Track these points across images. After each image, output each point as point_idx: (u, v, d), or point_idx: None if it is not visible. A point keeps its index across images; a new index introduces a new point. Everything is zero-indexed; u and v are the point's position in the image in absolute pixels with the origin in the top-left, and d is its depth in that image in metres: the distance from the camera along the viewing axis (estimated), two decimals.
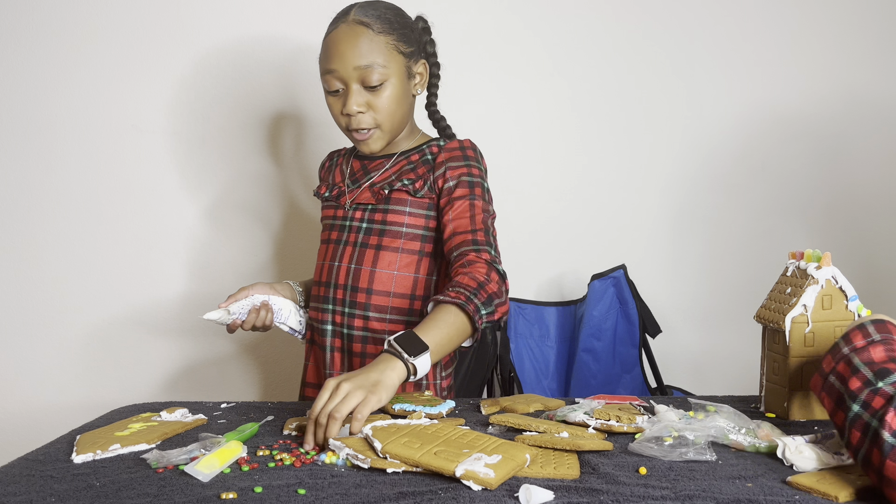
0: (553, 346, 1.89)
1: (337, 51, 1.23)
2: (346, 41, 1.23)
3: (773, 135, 2.00)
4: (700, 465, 0.89)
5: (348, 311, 1.31)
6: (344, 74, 1.23)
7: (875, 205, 2.01)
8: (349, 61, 1.22)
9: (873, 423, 0.75)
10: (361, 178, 1.35)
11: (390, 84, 1.25)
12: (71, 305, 1.93)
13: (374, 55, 1.23)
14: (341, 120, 1.28)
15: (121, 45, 1.90)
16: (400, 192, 1.29)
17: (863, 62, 2.00)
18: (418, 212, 1.29)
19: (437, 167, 1.29)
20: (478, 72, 1.95)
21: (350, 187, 1.34)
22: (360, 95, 1.24)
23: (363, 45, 1.22)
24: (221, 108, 1.92)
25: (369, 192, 1.31)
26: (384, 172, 1.32)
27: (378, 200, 1.30)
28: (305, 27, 1.93)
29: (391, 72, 1.25)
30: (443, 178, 1.28)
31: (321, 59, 1.28)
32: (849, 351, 0.87)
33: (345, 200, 1.34)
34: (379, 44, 1.24)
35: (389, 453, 0.87)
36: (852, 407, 0.79)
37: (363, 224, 1.31)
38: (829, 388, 0.85)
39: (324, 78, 1.26)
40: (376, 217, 1.30)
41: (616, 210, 2.00)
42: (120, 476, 0.87)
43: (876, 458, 0.73)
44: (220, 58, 1.91)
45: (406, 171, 1.31)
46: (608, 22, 1.97)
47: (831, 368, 0.87)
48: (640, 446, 0.93)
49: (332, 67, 1.23)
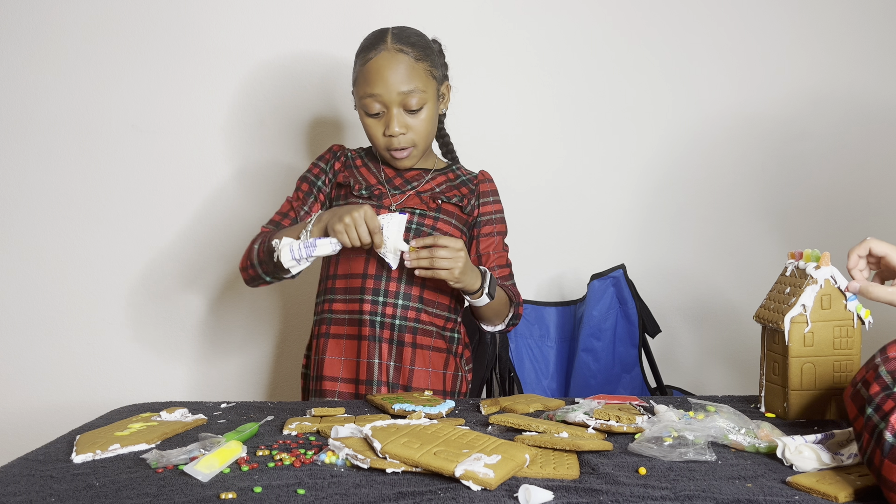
0: (553, 346, 1.89)
1: (380, 76, 1.32)
2: (389, 68, 1.33)
3: (773, 135, 2.00)
4: (700, 465, 0.89)
5: (402, 304, 1.38)
6: (387, 99, 1.33)
7: (874, 205, 2.01)
8: (393, 87, 1.32)
9: (880, 424, 0.75)
10: (402, 185, 1.43)
11: (427, 107, 1.37)
12: (71, 305, 1.93)
13: (415, 81, 1.34)
14: (381, 140, 1.37)
15: (121, 45, 1.90)
16: (450, 206, 1.42)
17: (862, 63, 2.00)
18: (461, 226, 1.43)
19: (482, 195, 1.46)
20: (477, 72, 1.95)
21: (392, 192, 1.41)
22: (401, 118, 1.35)
23: (406, 71, 1.33)
24: (221, 107, 1.92)
25: (418, 199, 1.40)
26: (427, 184, 1.43)
27: (429, 208, 1.40)
28: (305, 27, 1.93)
29: (428, 96, 1.37)
30: (483, 208, 1.46)
31: (360, 83, 1.35)
32: (880, 361, 0.86)
33: (389, 202, 1.40)
34: (419, 70, 1.35)
35: (389, 453, 0.87)
36: (867, 410, 0.79)
37: (413, 226, 1.39)
38: (856, 395, 0.85)
39: (364, 101, 1.35)
40: (426, 222, 1.39)
41: (616, 210, 2.00)
42: (120, 476, 0.87)
43: (877, 459, 0.73)
44: (220, 58, 1.91)
45: (448, 188, 1.44)
46: (606, 22, 1.97)
47: (862, 377, 0.86)
48: (639, 446, 0.93)
49: (376, 92, 1.33)
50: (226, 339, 1.97)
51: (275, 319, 1.98)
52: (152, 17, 1.90)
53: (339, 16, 1.93)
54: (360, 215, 1.21)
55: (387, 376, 1.37)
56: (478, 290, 1.32)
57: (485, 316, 1.41)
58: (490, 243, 1.46)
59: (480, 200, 1.46)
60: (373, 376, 1.37)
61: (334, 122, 1.95)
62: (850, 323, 1.09)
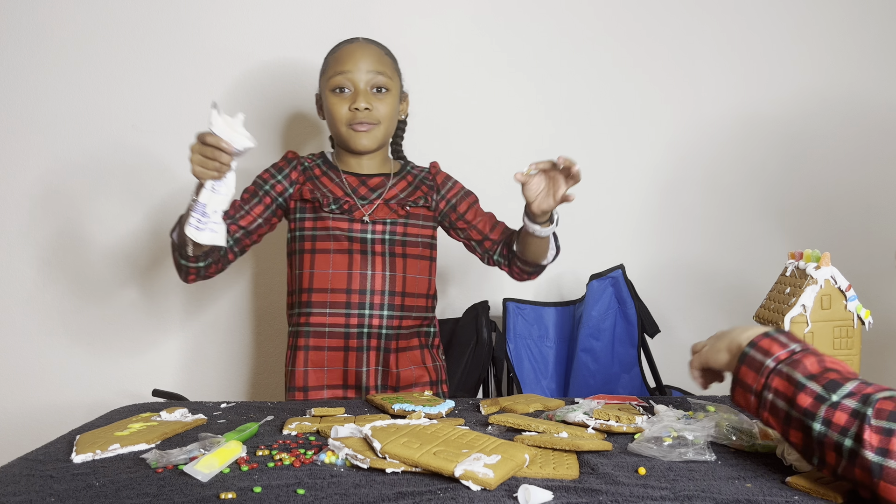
0: (552, 346, 1.90)
1: (352, 56, 1.41)
2: (361, 50, 1.42)
3: (773, 135, 2.00)
4: (699, 465, 0.89)
5: (387, 314, 1.44)
6: (356, 76, 1.40)
7: (874, 205, 2.01)
8: (364, 65, 1.40)
9: (846, 442, 0.73)
10: (367, 194, 1.46)
11: (391, 95, 1.44)
12: (71, 305, 1.93)
13: (384, 66, 1.43)
14: (345, 115, 1.41)
15: (121, 45, 1.90)
16: (417, 208, 1.47)
17: (863, 63, 2.00)
18: (428, 224, 1.50)
19: (441, 186, 1.52)
20: (478, 73, 1.95)
21: (360, 203, 1.44)
22: (368, 95, 1.41)
23: (376, 56, 1.43)
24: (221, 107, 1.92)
25: (387, 209, 1.44)
26: (391, 190, 1.47)
27: (399, 215, 1.45)
28: (305, 27, 1.93)
29: (393, 86, 1.44)
30: (446, 198, 1.51)
31: (331, 63, 1.43)
32: (775, 364, 0.85)
33: (360, 214, 1.43)
34: (387, 61, 1.45)
35: (389, 453, 0.87)
36: (813, 426, 0.77)
37: (386, 236, 1.44)
38: (772, 407, 0.83)
39: (333, 80, 1.41)
40: (398, 230, 1.45)
41: (615, 210, 2.00)
42: (119, 476, 0.87)
43: (864, 478, 0.72)
44: (221, 58, 1.91)
45: (412, 191, 1.49)
46: (605, 23, 1.98)
47: (762, 385, 0.85)
48: (639, 446, 0.93)
49: (346, 69, 1.40)
50: (227, 339, 1.97)
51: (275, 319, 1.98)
52: (152, 17, 1.90)
53: (339, 16, 1.93)
54: (198, 146, 1.16)
55: (375, 381, 1.43)
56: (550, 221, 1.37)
57: (540, 249, 1.42)
58: (474, 213, 1.52)
59: (442, 191, 1.52)
60: (361, 382, 1.43)
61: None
62: (850, 323, 1.09)
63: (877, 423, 0.72)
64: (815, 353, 0.84)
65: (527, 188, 1.31)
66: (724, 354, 0.95)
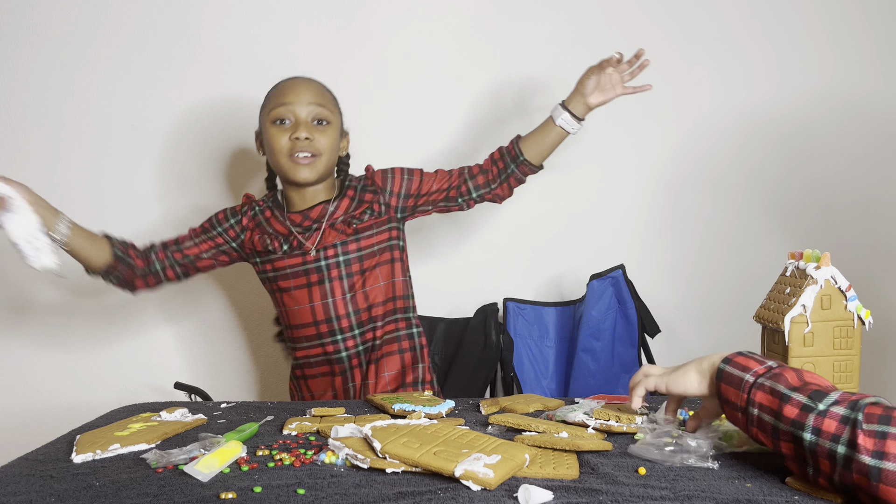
0: (552, 346, 1.90)
1: (294, 89, 1.43)
2: (302, 83, 1.45)
3: (773, 135, 2.00)
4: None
5: (359, 332, 1.48)
6: (297, 109, 1.42)
7: (874, 205, 2.01)
8: (305, 97, 1.42)
9: (839, 449, 0.73)
10: (311, 225, 1.47)
11: (332, 128, 1.45)
12: (70, 305, 1.93)
13: (325, 100, 1.45)
14: (285, 146, 1.42)
15: (121, 45, 1.90)
16: (364, 222, 1.47)
17: (863, 63, 2.00)
18: (382, 228, 1.49)
19: (383, 186, 1.51)
20: (477, 72, 1.95)
21: (305, 236, 1.46)
22: (309, 127, 1.42)
23: (318, 89, 1.46)
24: (221, 108, 1.92)
25: (335, 232, 1.45)
26: (335, 213, 1.47)
27: (348, 235, 1.45)
28: (305, 27, 1.93)
29: (334, 120, 1.46)
30: (394, 193, 1.51)
31: (272, 97, 1.44)
32: (755, 378, 0.85)
33: (308, 247, 1.45)
34: (328, 96, 1.47)
35: (389, 453, 0.87)
36: (804, 436, 0.77)
37: (339, 258, 1.46)
38: (759, 422, 0.83)
39: (274, 112, 1.42)
40: (350, 248, 1.46)
41: (615, 210, 2.00)
42: (120, 476, 0.87)
43: (863, 483, 0.72)
44: (220, 58, 1.91)
45: (356, 206, 1.48)
46: (604, 22, 1.97)
47: (745, 400, 0.85)
48: (641, 449, 0.92)
49: (288, 101, 1.42)
50: (227, 338, 1.97)
51: None
52: (152, 17, 1.90)
53: (339, 16, 1.93)
54: None
55: (361, 395, 1.48)
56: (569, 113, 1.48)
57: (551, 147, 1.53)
58: (428, 184, 1.52)
59: (387, 188, 1.51)
60: (349, 395, 1.50)
61: None
62: (851, 323, 1.09)
63: (869, 427, 0.72)
64: (792, 368, 0.85)
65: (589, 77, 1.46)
66: (694, 376, 0.95)
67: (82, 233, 1.37)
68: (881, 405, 0.74)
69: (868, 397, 0.76)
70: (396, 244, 1.52)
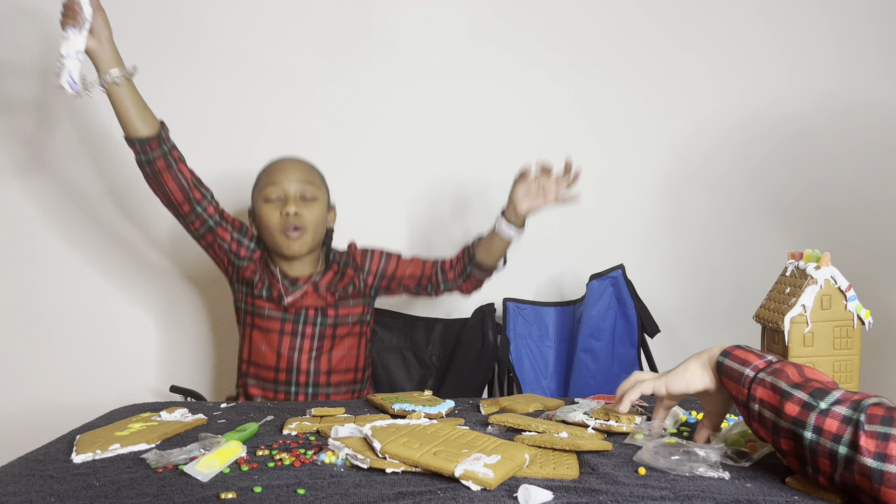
0: (552, 346, 1.90)
1: (282, 170, 1.54)
2: (290, 163, 1.56)
3: (773, 135, 2.00)
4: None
5: (312, 391, 1.57)
6: (286, 186, 1.52)
7: (874, 205, 2.01)
8: (293, 176, 1.53)
9: (840, 449, 0.73)
10: (297, 284, 1.57)
11: (319, 203, 1.56)
12: (71, 305, 1.93)
13: (312, 177, 1.56)
14: (277, 222, 1.52)
15: (121, 45, 1.89)
16: (345, 294, 1.57)
17: (863, 63, 2.00)
18: (358, 302, 1.60)
19: (362, 264, 1.62)
20: (478, 72, 1.95)
21: (290, 290, 1.56)
22: (298, 203, 1.52)
23: (305, 168, 1.57)
24: (221, 107, 1.92)
25: (316, 296, 1.55)
26: (319, 282, 1.57)
27: (328, 302, 1.55)
28: (305, 27, 1.93)
29: (321, 196, 1.57)
30: (371, 272, 1.62)
31: (263, 177, 1.55)
32: (755, 373, 0.85)
33: (287, 304, 1.55)
34: (315, 174, 1.58)
35: (389, 453, 0.87)
36: (804, 434, 0.77)
37: (318, 318, 1.56)
38: (760, 417, 0.83)
39: (265, 190, 1.53)
40: (329, 313, 1.56)
41: (614, 210, 2.00)
42: (120, 476, 0.87)
43: (865, 485, 0.72)
44: (220, 58, 1.91)
45: (337, 280, 1.59)
46: (604, 23, 1.98)
47: (746, 395, 0.85)
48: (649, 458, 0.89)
49: (277, 179, 1.53)
50: (227, 339, 1.97)
51: None
52: (152, 17, 1.90)
53: (339, 16, 1.93)
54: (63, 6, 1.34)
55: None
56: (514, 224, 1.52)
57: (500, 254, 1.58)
58: (402, 269, 1.63)
59: (365, 267, 1.62)
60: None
61: (334, 123, 1.95)
62: (850, 323, 1.09)
63: (871, 429, 0.72)
64: (792, 363, 0.85)
65: (518, 188, 1.46)
66: (696, 370, 0.94)
67: (135, 95, 1.43)
68: (883, 406, 0.74)
69: (870, 397, 0.76)
70: (365, 319, 1.64)
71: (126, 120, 1.42)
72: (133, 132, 1.42)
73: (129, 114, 1.41)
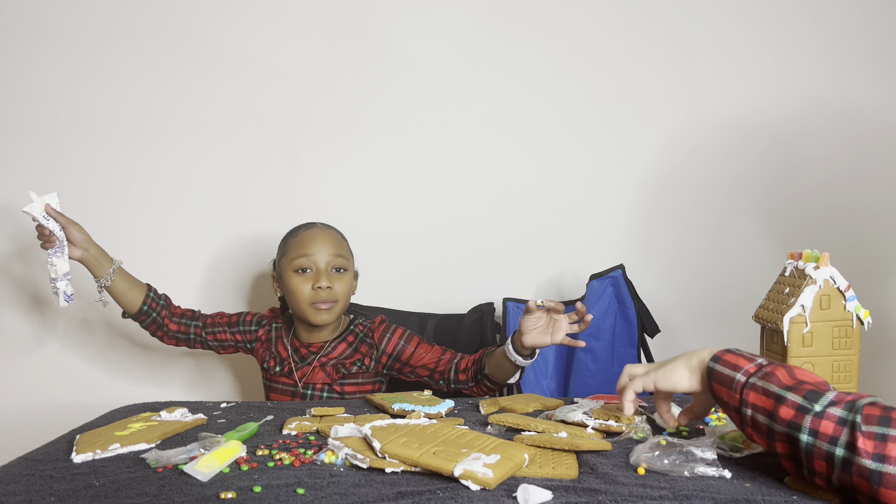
0: (552, 346, 1.89)
1: (314, 241, 1.56)
2: (323, 234, 1.57)
3: (773, 135, 2.00)
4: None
5: None
6: (318, 259, 1.54)
7: (874, 205, 2.01)
8: (326, 249, 1.55)
9: (837, 451, 0.73)
10: (307, 356, 1.58)
11: (348, 274, 1.58)
12: (70, 305, 1.92)
13: (343, 249, 1.59)
14: (308, 295, 1.53)
15: (121, 45, 1.90)
16: (351, 372, 1.56)
17: (861, 63, 2.00)
18: (367, 380, 1.58)
19: (379, 342, 1.59)
20: (478, 72, 1.95)
21: (299, 364, 1.57)
22: (329, 275, 1.54)
23: (337, 240, 1.59)
24: (221, 107, 1.92)
25: (323, 373, 1.55)
26: (330, 354, 1.57)
27: (333, 379, 1.54)
28: (305, 27, 1.93)
29: (350, 266, 1.60)
30: (386, 353, 1.58)
31: (293, 247, 1.56)
32: (746, 378, 0.84)
33: (296, 379, 1.56)
34: (344, 244, 1.61)
35: (388, 453, 0.87)
36: (800, 438, 0.76)
37: (324, 395, 1.56)
38: (753, 422, 0.82)
39: (296, 261, 1.54)
40: (336, 388, 1.56)
41: (615, 210, 2.00)
42: (119, 476, 0.88)
43: (863, 486, 0.71)
44: (220, 58, 1.91)
45: (350, 353, 1.58)
46: (604, 21, 1.98)
47: (738, 401, 0.84)
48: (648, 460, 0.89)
49: (310, 252, 1.54)
50: None
51: None
52: (152, 17, 1.90)
53: (339, 16, 1.93)
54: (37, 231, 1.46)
55: None
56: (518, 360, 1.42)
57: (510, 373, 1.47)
58: (418, 356, 1.58)
59: (382, 346, 1.59)
60: None
61: (334, 123, 1.95)
62: (850, 323, 1.09)
63: (868, 429, 0.71)
64: (782, 364, 0.84)
65: (527, 319, 1.37)
66: (683, 373, 0.94)
67: (125, 280, 1.55)
68: (878, 405, 0.74)
69: (864, 397, 0.75)
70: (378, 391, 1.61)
71: (124, 302, 1.55)
72: (132, 309, 1.56)
73: (126, 296, 1.55)
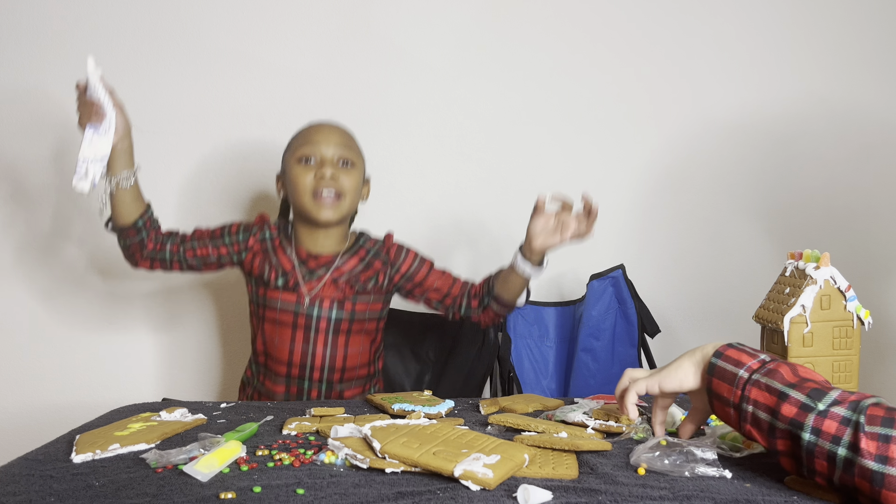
0: (552, 346, 1.90)
1: (321, 131, 1.46)
2: (330, 127, 1.48)
3: (773, 135, 2.01)
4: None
5: (325, 389, 1.50)
6: (324, 149, 1.44)
7: (874, 205, 2.01)
8: (332, 139, 1.45)
9: (840, 451, 0.73)
10: (316, 268, 1.48)
11: (356, 171, 1.48)
12: (71, 305, 1.93)
13: (351, 143, 1.49)
14: (309, 185, 1.43)
15: (121, 45, 1.90)
16: (366, 289, 1.49)
17: (861, 64, 2.00)
18: (378, 299, 1.53)
19: (394, 260, 1.53)
20: (478, 72, 1.95)
21: (307, 278, 1.47)
22: (335, 166, 1.44)
23: (343, 135, 1.48)
24: (221, 107, 1.92)
25: (334, 287, 1.47)
26: (341, 268, 1.49)
27: (346, 295, 1.47)
28: (306, 27, 1.93)
29: (358, 165, 1.49)
30: (400, 272, 1.53)
31: (298, 139, 1.47)
32: (749, 374, 0.84)
33: (304, 293, 1.47)
34: (353, 142, 1.50)
35: (388, 453, 0.87)
36: (802, 436, 0.76)
37: (332, 313, 1.47)
38: (754, 419, 0.82)
39: (300, 150, 1.45)
40: (346, 307, 1.48)
41: (615, 210, 2.00)
42: (119, 476, 0.87)
43: (865, 487, 0.71)
44: (220, 58, 1.92)
45: (363, 268, 1.50)
46: (606, 24, 1.98)
47: (740, 397, 0.84)
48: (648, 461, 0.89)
49: (316, 140, 1.45)
50: (228, 338, 1.97)
51: None
52: (153, 18, 1.90)
53: (339, 16, 1.93)
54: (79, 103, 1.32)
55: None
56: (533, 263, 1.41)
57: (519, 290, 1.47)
58: (432, 279, 1.54)
59: (396, 265, 1.53)
60: None
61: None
62: (850, 323, 1.09)
63: (871, 430, 0.71)
64: (786, 362, 0.84)
65: (535, 221, 1.35)
66: (689, 368, 0.93)
67: (136, 188, 1.42)
68: (882, 406, 0.73)
69: (868, 397, 0.75)
70: (382, 316, 1.57)
71: (123, 210, 1.42)
72: (127, 220, 1.43)
73: (125, 205, 1.42)
